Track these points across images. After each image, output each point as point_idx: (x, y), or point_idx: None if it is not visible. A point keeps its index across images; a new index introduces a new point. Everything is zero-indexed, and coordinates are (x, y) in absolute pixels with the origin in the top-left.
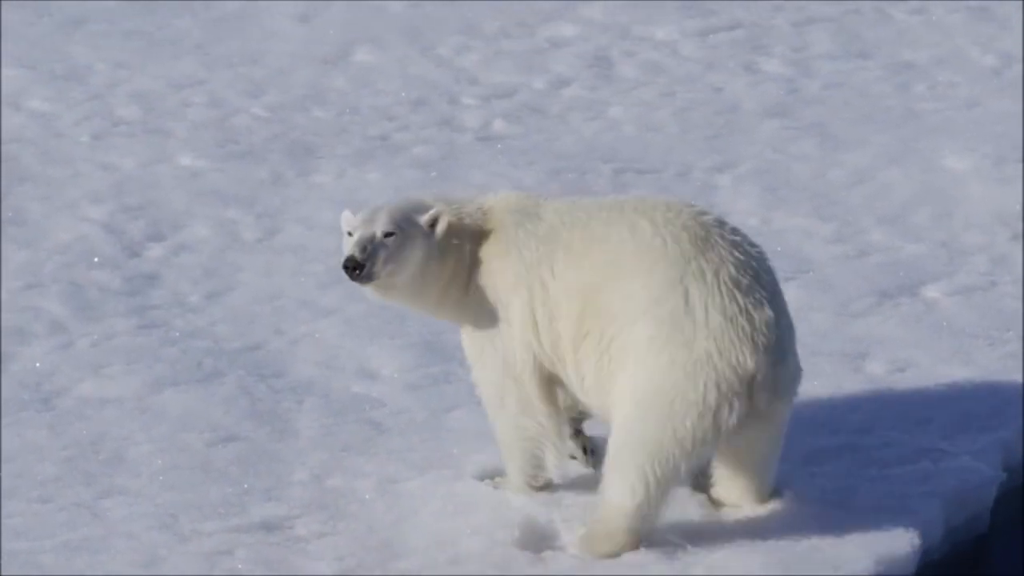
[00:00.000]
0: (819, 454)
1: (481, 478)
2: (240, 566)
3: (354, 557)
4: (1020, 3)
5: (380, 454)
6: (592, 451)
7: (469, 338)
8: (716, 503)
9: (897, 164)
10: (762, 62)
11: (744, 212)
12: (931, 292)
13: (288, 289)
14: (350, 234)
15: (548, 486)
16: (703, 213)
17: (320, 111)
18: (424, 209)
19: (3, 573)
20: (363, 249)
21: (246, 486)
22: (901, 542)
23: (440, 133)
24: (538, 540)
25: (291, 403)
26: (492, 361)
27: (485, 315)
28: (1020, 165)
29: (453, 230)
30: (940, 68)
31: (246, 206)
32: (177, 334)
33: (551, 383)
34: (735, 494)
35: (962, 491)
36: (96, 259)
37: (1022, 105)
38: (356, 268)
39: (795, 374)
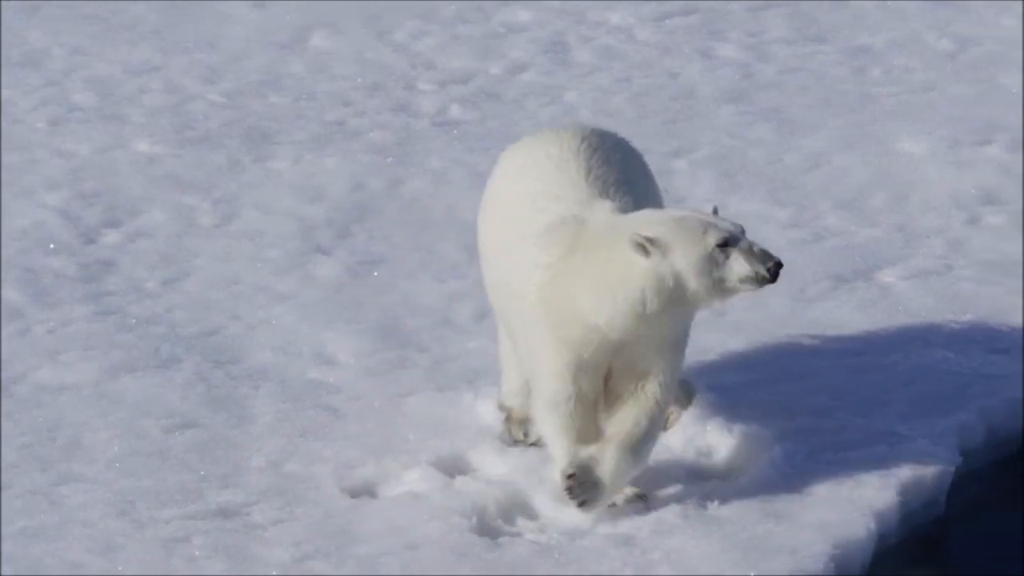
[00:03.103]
0: (776, 438)
1: (437, 465)
2: (197, 552)
3: (311, 543)
4: None
5: (337, 440)
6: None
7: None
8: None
9: (853, 148)
10: (718, 47)
11: (701, 197)
12: (887, 276)
13: (245, 275)
14: (728, 243)
15: None
16: None
17: (276, 97)
18: None
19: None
20: None
21: (203, 472)
22: (857, 526)
23: (396, 118)
24: (495, 525)
25: (248, 389)
26: None
27: None
28: (976, 149)
29: None
30: (896, 52)
31: (203, 192)
32: (134, 320)
33: None
34: None
35: (919, 475)
36: (52, 245)
37: (978, 89)
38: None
39: None
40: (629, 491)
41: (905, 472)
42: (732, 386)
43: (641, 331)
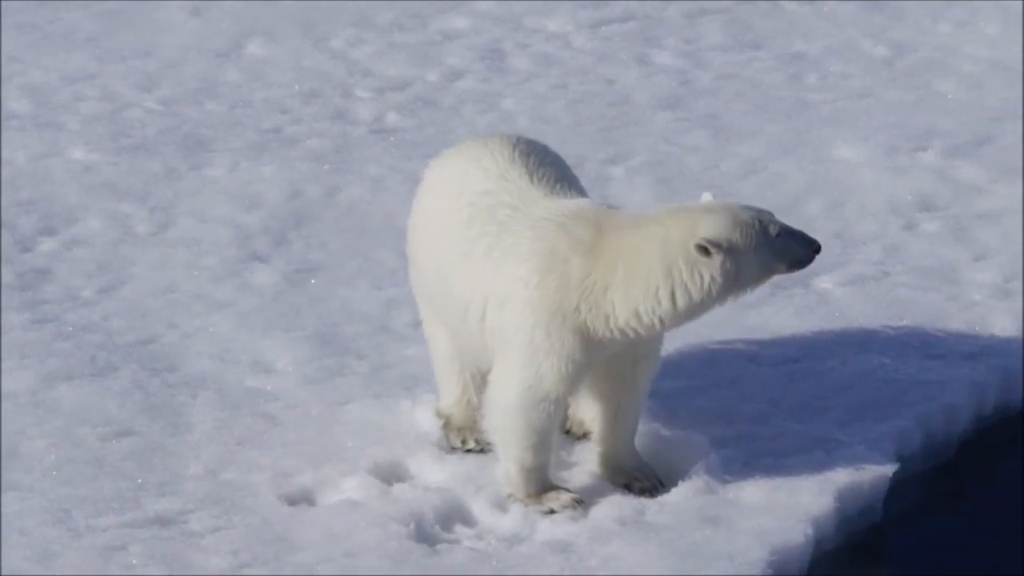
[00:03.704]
0: (713, 444)
1: (375, 472)
2: (135, 561)
3: (249, 551)
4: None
5: (275, 448)
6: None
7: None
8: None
9: (790, 155)
10: (654, 54)
11: (638, 203)
12: (824, 282)
13: (182, 283)
14: (781, 231)
15: None
16: None
17: (213, 104)
18: None
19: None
20: None
21: (140, 481)
22: (794, 532)
23: (333, 126)
24: (433, 533)
25: (185, 397)
26: None
27: None
28: (912, 155)
29: None
30: (832, 59)
31: (139, 200)
32: (70, 328)
33: None
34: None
35: (856, 481)
36: None
37: (914, 95)
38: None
39: None
40: (566, 497)
41: (842, 478)
42: (669, 392)
43: (677, 327)
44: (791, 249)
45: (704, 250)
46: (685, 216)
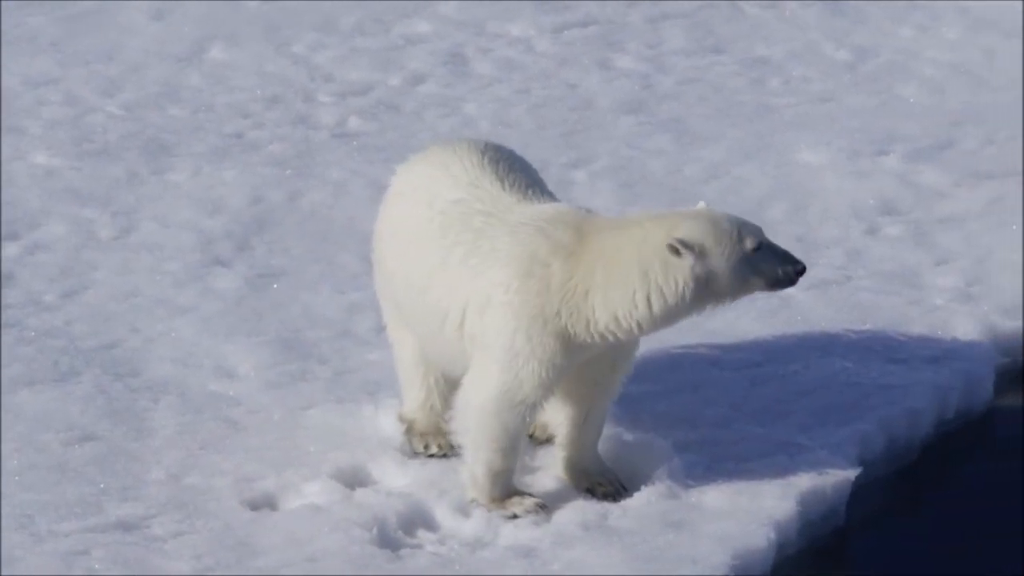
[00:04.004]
0: (676, 448)
1: (338, 477)
2: (97, 566)
3: (211, 556)
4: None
5: (237, 452)
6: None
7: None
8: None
9: (752, 159)
10: (616, 58)
11: (600, 208)
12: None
13: (144, 287)
14: (760, 246)
15: None
16: None
17: (175, 109)
18: None
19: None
20: None
21: (103, 486)
22: (757, 536)
23: (296, 130)
24: (396, 537)
25: (147, 402)
26: None
27: None
28: (874, 159)
29: None
30: (794, 63)
31: (102, 204)
32: (32, 333)
33: None
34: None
35: (819, 485)
36: None
37: (876, 99)
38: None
39: None
40: (529, 501)
41: (805, 482)
42: (631, 397)
43: (657, 331)
44: (768, 265)
45: (675, 251)
46: (665, 219)
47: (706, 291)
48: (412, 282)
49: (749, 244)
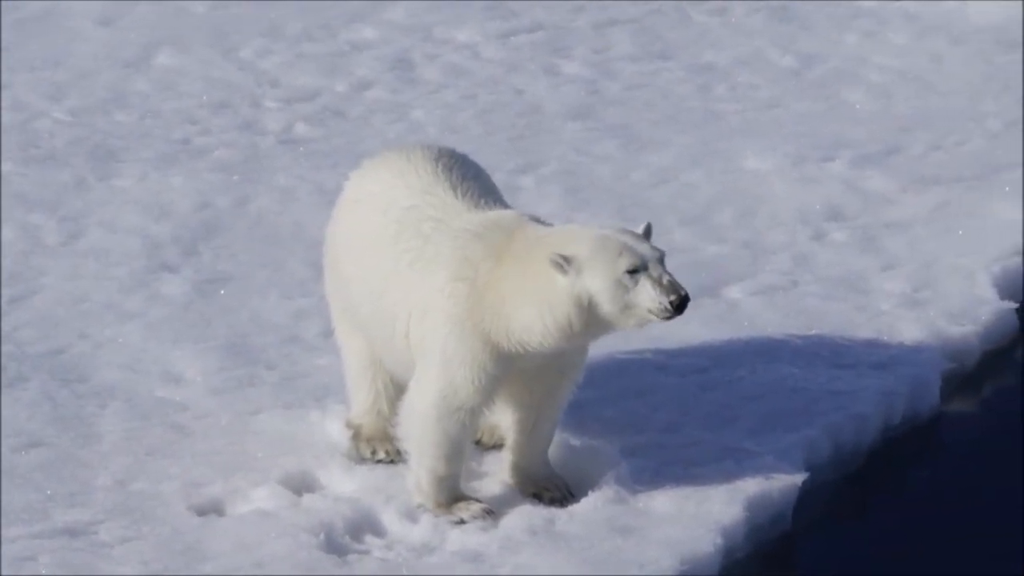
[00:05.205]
0: (623, 454)
1: (285, 482)
2: (44, 571)
3: (159, 561)
4: (819, 3)
5: (185, 458)
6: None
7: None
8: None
9: (699, 165)
10: (564, 64)
11: (548, 213)
12: (734, 292)
13: (92, 293)
14: (638, 269)
15: None
16: None
17: (122, 115)
18: None
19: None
20: None
21: (49, 492)
22: (704, 542)
23: (242, 136)
24: (343, 543)
25: (95, 408)
26: None
27: None
28: (821, 165)
29: None
30: (741, 69)
31: (49, 210)
32: None
33: None
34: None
35: (766, 490)
36: None
37: (822, 105)
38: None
39: None
40: (476, 507)
41: (752, 487)
42: (578, 402)
43: (572, 347)
44: (646, 291)
45: (558, 265)
46: (568, 233)
47: (588, 311)
48: (368, 289)
49: (623, 265)
